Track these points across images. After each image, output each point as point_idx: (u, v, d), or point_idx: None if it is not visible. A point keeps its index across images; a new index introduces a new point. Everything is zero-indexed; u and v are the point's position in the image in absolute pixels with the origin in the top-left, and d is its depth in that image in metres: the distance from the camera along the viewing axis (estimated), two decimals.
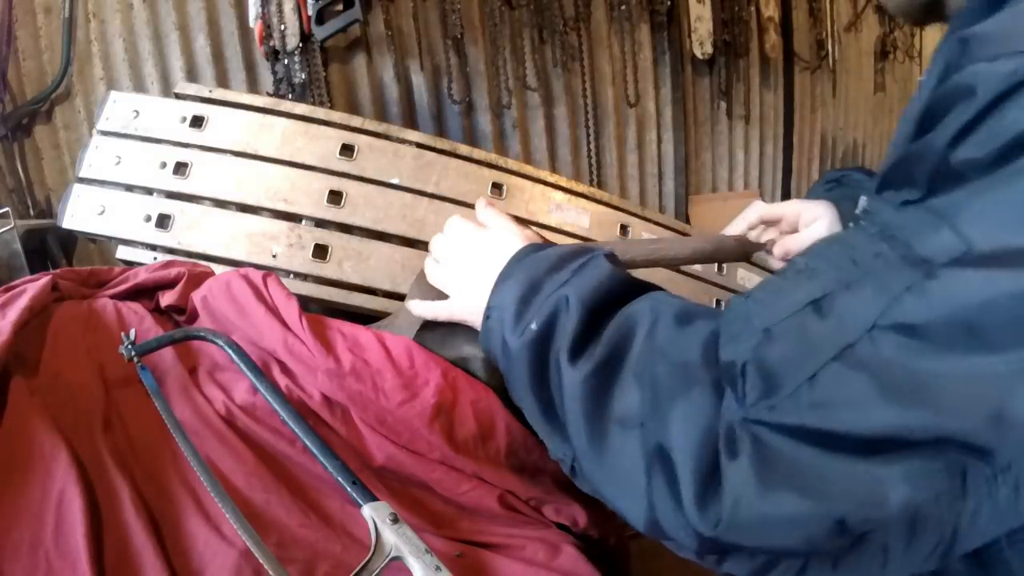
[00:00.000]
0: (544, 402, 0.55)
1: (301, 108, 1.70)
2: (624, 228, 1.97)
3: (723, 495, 0.42)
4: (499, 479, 0.87)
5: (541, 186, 1.85)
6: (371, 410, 0.86)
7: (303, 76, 2.11)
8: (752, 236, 1.03)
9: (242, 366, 0.87)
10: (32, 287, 0.97)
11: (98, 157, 1.60)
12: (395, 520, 0.70)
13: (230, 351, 0.89)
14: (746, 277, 2.30)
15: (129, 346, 0.87)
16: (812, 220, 0.94)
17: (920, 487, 0.40)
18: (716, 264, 2.20)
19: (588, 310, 0.54)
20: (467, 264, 0.81)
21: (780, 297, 0.46)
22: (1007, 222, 0.37)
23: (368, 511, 0.72)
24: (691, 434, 0.44)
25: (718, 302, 2.17)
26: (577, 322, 0.53)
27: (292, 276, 1.58)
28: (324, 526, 0.76)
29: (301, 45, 2.08)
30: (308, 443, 0.79)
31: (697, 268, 2.15)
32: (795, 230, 0.98)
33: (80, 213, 1.57)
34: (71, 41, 1.95)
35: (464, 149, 1.78)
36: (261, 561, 0.65)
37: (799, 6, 3.31)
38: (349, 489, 0.74)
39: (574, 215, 1.89)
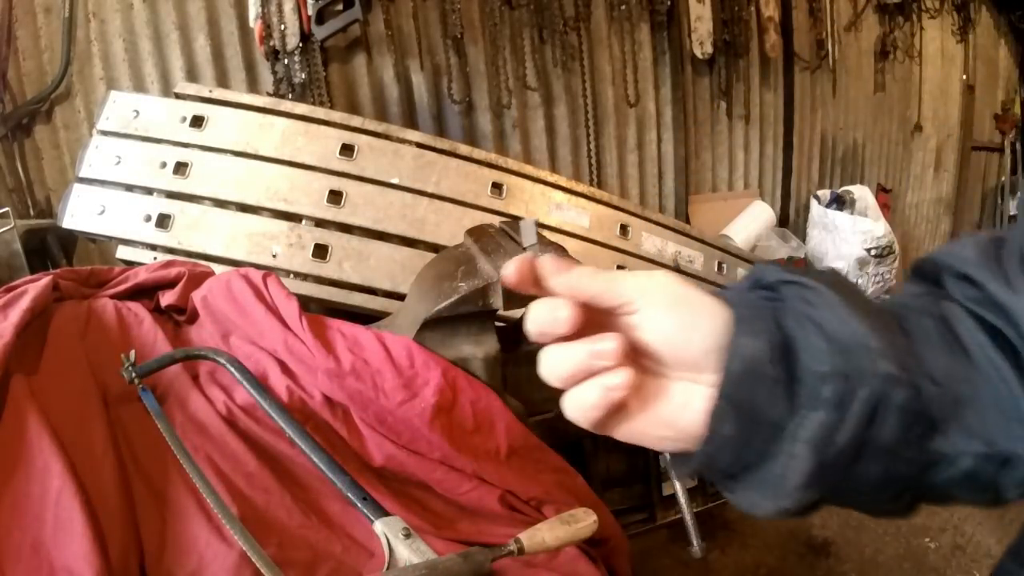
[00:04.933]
0: None
1: (301, 108, 1.70)
2: (624, 228, 1.97)
3: None
4: (499, 479, 0.87)
5: (541, 186, 1.85)
6: (371, 410, 0.86)
7: (303, 76, 2.11)
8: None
9: (244, 383, 0.87)
10: (33, 288, 0.97)
11: (98, 157, 1.60)
12: (408, 535, 0.70)
13: (232, 368, 0.89)
14: None
15: (129, 368, 0.87)
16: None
17: None
18: (716, 264, 2.21)
19: None
20: None
21: None
22: None
23: (380, 527, 0.71)
24: None
25: None
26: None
27: (292, 276, 1.59)
28: (324, 527, 0.76)
29: (301, 45, 2.08)
30: (316, 460, 0.79)
31: (697, 267, 2.15)
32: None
33: (80, 213, 1.57)
34: (71, 41, 1.95)
35: (464, 149, 1.78)
36: (259, 567, 0.65)
37: (799, 6, 3.31)
38: (360, 505, 0.74)
39: (574, 215, 1.89)
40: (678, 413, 0.39)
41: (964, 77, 4.32)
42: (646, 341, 0.39)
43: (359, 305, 1.60)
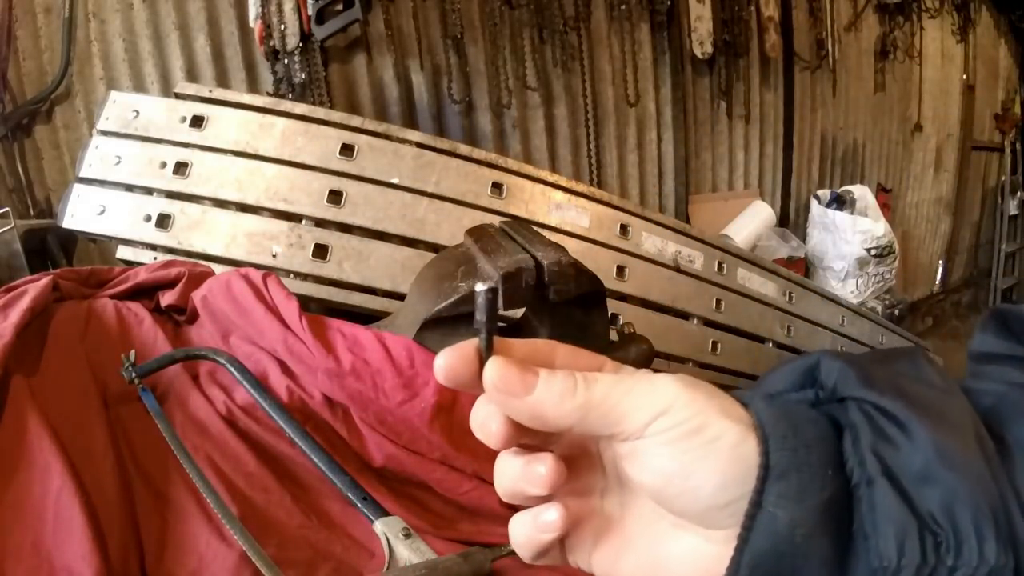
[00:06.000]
0: None
1: (301, 108, 1.70)
2: (624, 228, 1.97)
3: None
4: None
5: (541, 186, 1.85)
6: (371, 410, 0.86)
7: (303, 76, 2.11)
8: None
9: (244, 383, 0.87)
10: (33, 288, 0.97)
11: (98, 157, 1.60)
12: (408, 535, 0.70)
13: (232, 368, 0.89)
14: (746, 276, 2.30)
15: (129, 368, 0.87)
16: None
17: None
18: (716, 263, 2.21)
19: None
20: None
21: None
22: None
23: (380, 527, 0.72)
24: None
25: (718, 301, 2.17)
26: None
27: (292, 276, 1.58)
28: (324, 527, 0.76)
29: (301, 45, 2.08)
30: (316, 460, 0.79)
31: (697, 267, 2.15)
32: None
33: (80, 213, 1.57)
34: (71, 41, 1.95)
35: (464, 149, 1.78)
36: (259, 567, 0.65)
37: (799, 6, 3.31)
38: (360, 505, 0.74)
39: (574, 214, 1.89)
40: (669, 567, 0.29)
41: (964, 77, 4.33)
42: (634, 480, 0.28)
43: (359, 305, 1.60)
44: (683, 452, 0.26)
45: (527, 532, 0.30)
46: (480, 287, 0.28)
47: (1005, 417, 0.29)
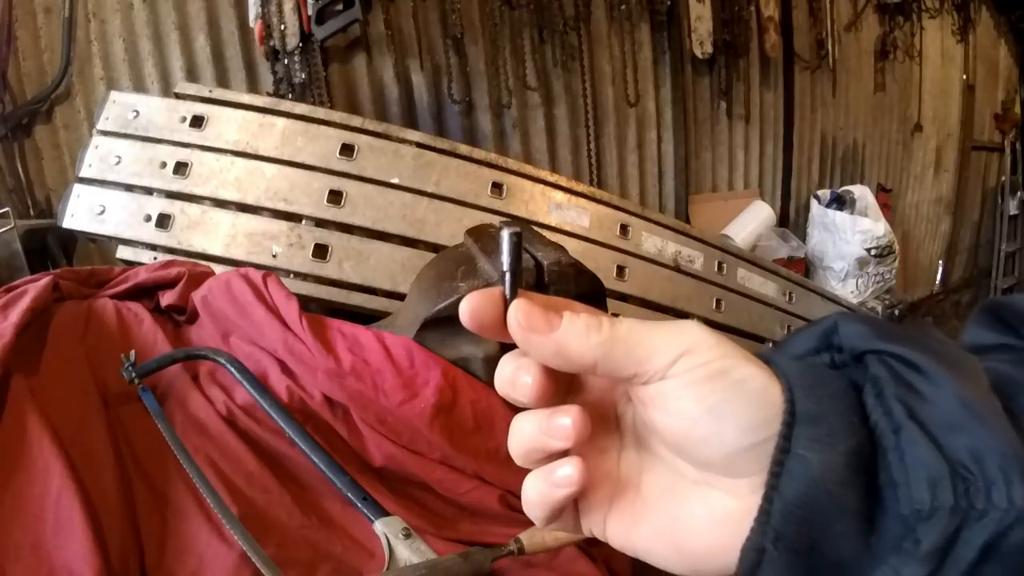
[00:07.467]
0: None
1: (301, 108, 1.70)
2: (624, 228, 1.97)
3: None
4: (499, 478, 0.87)
5: (541, 186, 1.85)
6: (371, 410, 0.86)
7: (303, 76, 2.11)
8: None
9: (244, 383, 0.87)
10: (33, 288, 0.97)
11: (98, 157, 1.60)
12: (408, 535, 0.70)
13: (232, 369, 0.89)
14: (746, 276, 2.30)
15: (129, 368, 0.87)
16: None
17: None
18: (716, 264, 2.21)
19: None
20: None
21: None
22: None
23: (380, 527, 0.72)
24: None
25: (718, 301, 2.17)
26: None
27: (292, 276, 1.59)
28: (324, 527, 0.76)
29: (301, 45, 2.08)
30: (316, 460, 0.79)
31: (697, 267, 2.15)
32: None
33: (80, 213, 1.57)
34: (71, 41, 1.95)
35: (464, 149, 1.78)
36: (259, 567, 0.65)
37: (799, 6, 3.31)
38: (360, 505, 0.74)
39: (574, 215, 1.89)
40: (690, 529, 0.28)
41: (964, 77, 4.32)
42: (656, 426, 0.28)
43: (359, 305, 1.60)
44: (708, 394, 0.26)
45: (541, 489, 0.29)
46: (505, 230, 0.27)
47: (1006, 390, 0.29)
